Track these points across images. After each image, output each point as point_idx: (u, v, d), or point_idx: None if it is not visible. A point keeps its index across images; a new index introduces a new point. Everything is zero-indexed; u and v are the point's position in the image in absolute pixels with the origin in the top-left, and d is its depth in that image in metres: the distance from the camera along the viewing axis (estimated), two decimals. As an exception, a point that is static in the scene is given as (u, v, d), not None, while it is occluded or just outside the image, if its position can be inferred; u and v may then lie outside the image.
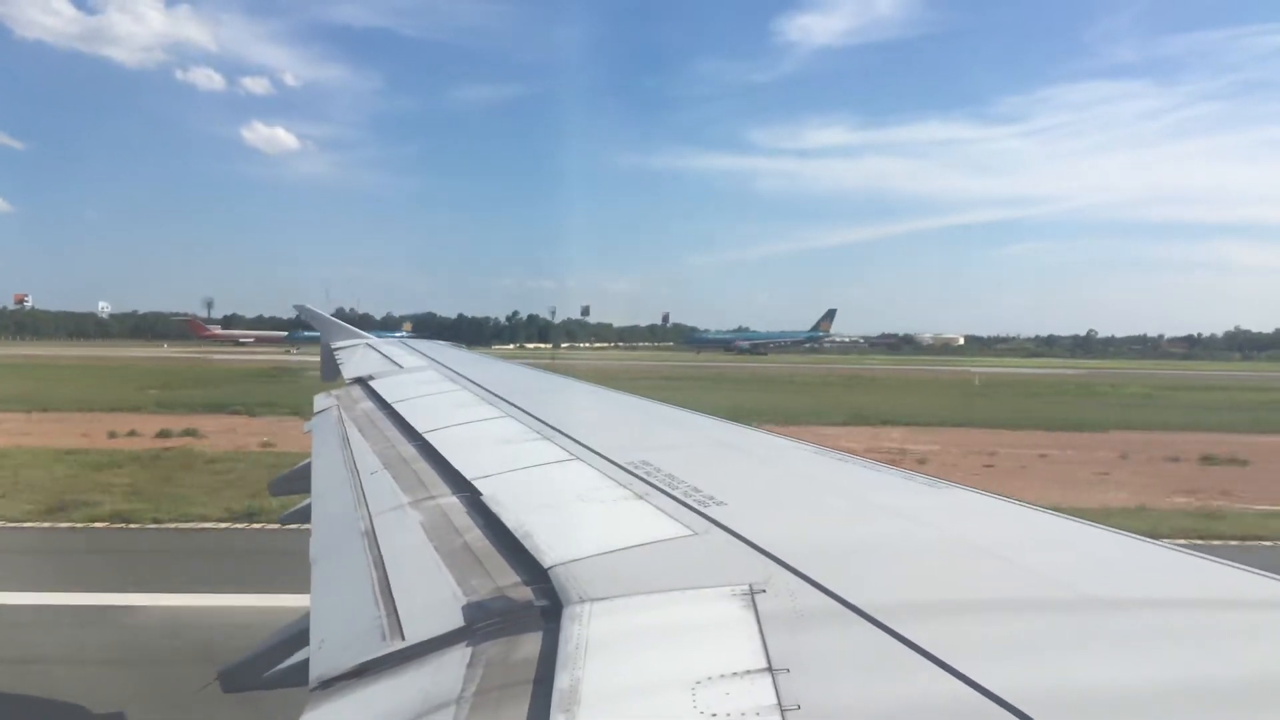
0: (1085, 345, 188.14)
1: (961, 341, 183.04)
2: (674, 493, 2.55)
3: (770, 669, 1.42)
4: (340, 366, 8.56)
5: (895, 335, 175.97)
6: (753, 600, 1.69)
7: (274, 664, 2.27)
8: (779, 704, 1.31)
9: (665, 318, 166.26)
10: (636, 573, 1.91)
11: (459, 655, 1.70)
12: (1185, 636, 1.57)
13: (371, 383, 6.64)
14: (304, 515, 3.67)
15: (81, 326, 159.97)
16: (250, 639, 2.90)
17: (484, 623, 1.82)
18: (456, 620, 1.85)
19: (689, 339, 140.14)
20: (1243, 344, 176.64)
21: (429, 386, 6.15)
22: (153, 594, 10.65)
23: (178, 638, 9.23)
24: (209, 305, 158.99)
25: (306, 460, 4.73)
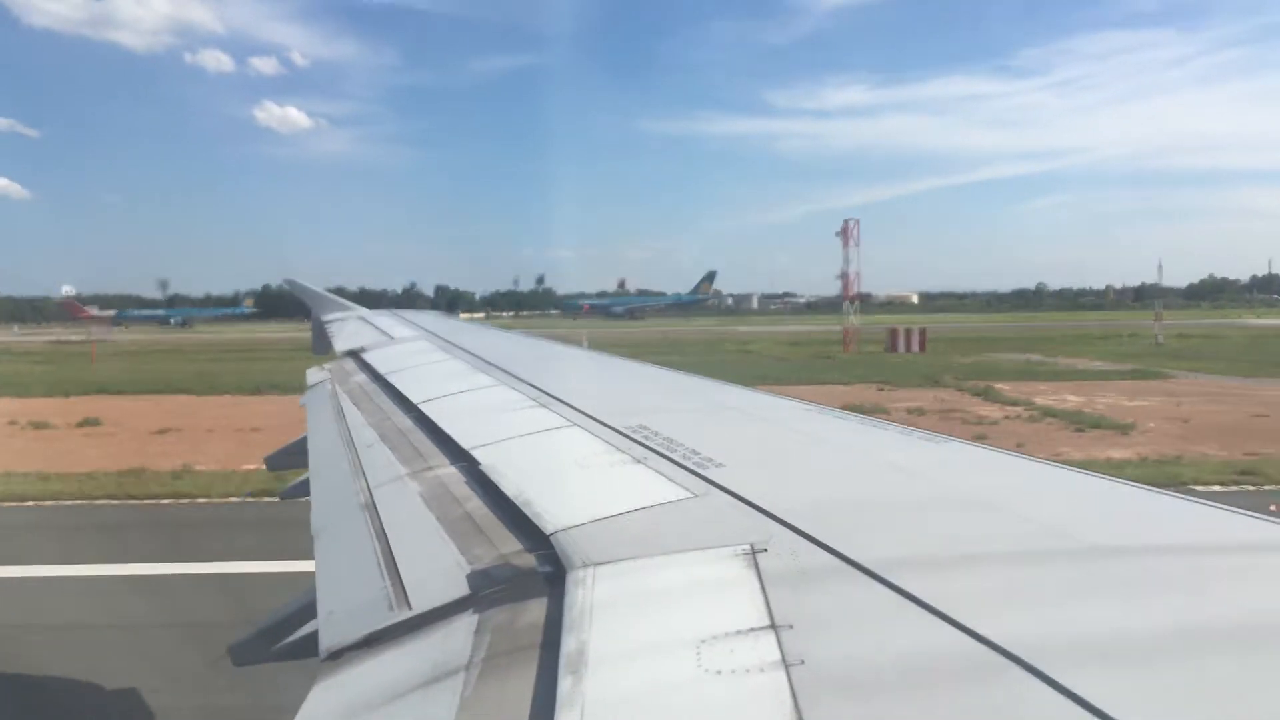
0: (1036, 298, 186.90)
1: (915, 299, 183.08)
2: (672, 456, 2.56)
3: (773, 626, 1.43)
4: (332, 340, 8.52)
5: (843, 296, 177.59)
6: (754, 559, 1.71)
7: (283, 637, 2.29)
8: (783, 659, 1.33)
9: (621, 283, 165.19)
10: (638, 536, 1.93)
11: (466, 622, 1.72)
12: (1187, 581, 1.59)
13: (364, 355, 6.62)
14: (304, 490, 3.68)
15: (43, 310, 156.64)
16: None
17: (489, 590, 1.83)
18: (462, 588, 1.86)
19: (565, 305, 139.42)
20: (1193, 294, 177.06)
21: (422, 357, 6.13)
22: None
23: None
24: (164, 285, 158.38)
25: (302, 435, 4.73)
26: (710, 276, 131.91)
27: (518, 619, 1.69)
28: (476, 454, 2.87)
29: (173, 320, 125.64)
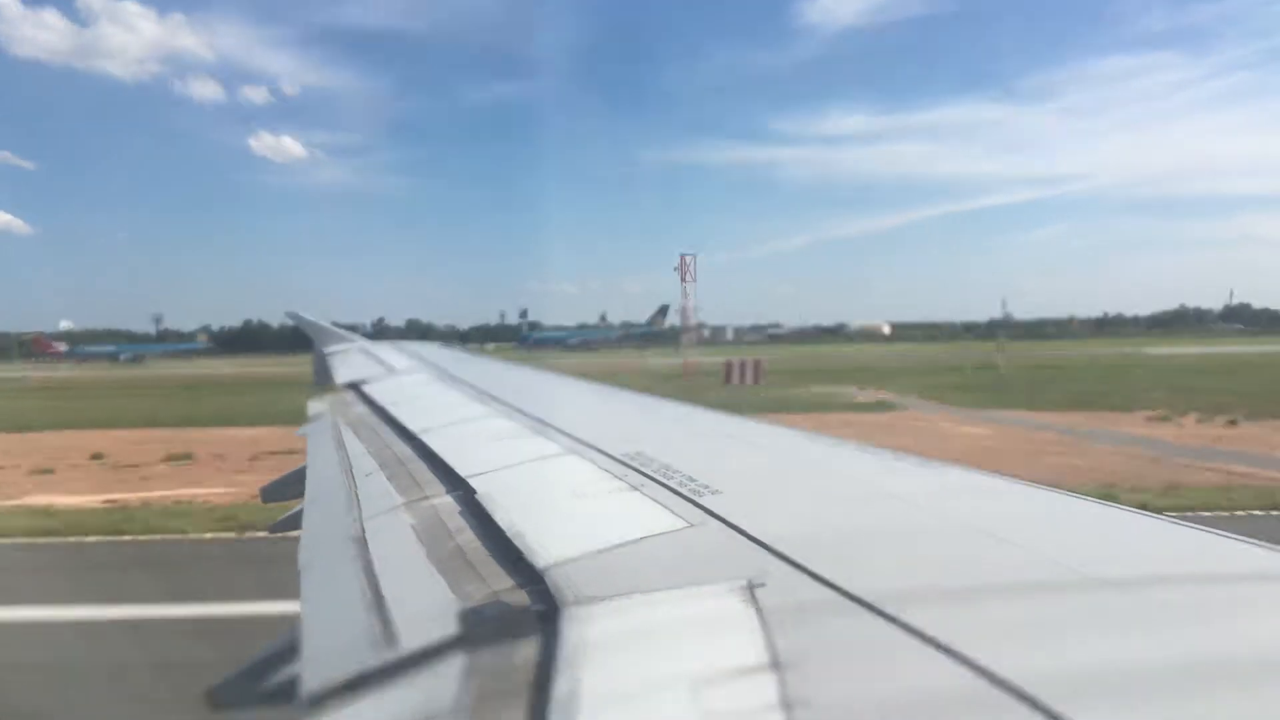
0: (1003, 326, 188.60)
1: (887, 330, 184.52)
2: (669, 483, 2.52)
3: (774, 665, 1.38)
4: (333, 371, 8.53)
5: (819, 327, 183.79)
6: (752, 595, 1.66)
7: (264, 679, 2.23)
8: (784, 700, 1.28)
9: (602, 317, 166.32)
10: (634, 570, 1.88)
11: (455, 664, 1.66)
12: (1194, 613, 1.54)
13: (364, 387, 6.62)
14: (294, 522, 3.63)
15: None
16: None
17: (479, 629, 1.78)
18: (451, 628, 1.81)
19: (521, 338, 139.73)
20: (1156, 323, 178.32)
21: (422, 388, 6.13)
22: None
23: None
24: (158, 320, 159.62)
25: (300, 466, 4.69)
26: (663, 310, 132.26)
27: (509, 659, 1.64)
28: (473, 483, 2.84)
29: (121, 356, 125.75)
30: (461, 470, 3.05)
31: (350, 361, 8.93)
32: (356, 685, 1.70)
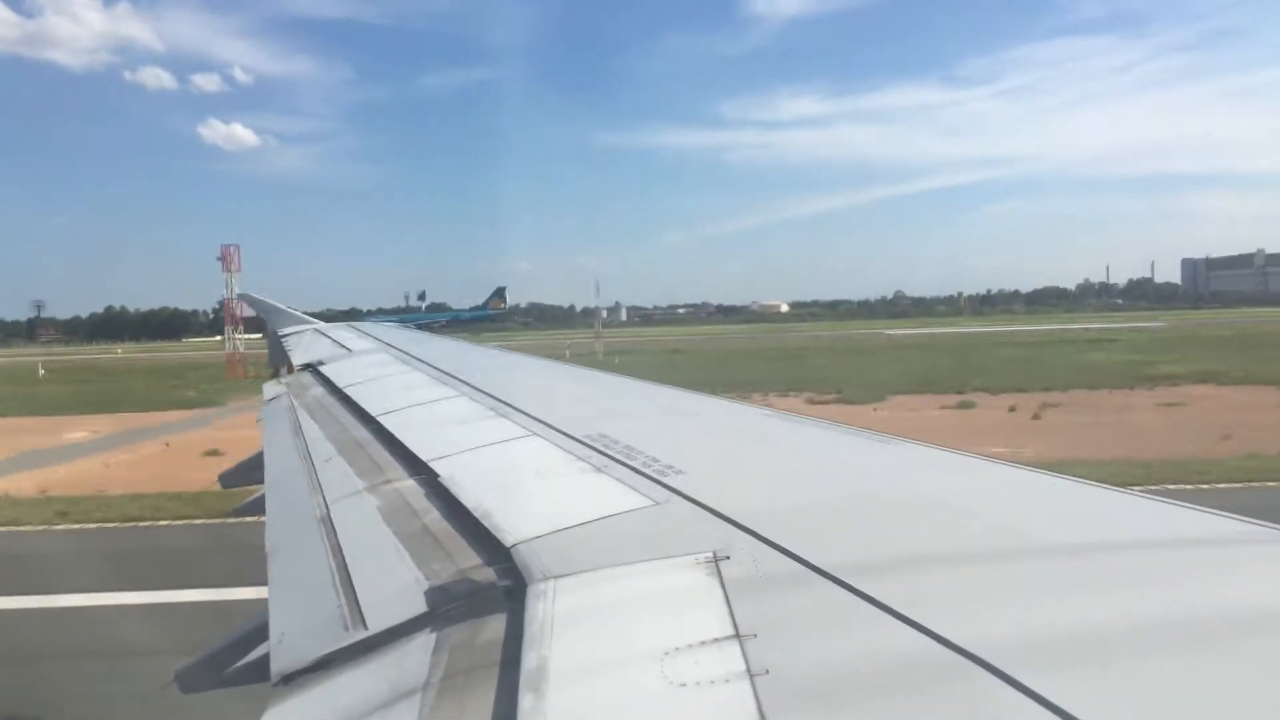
0: (892, 306, 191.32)
1: (784, 309, 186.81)
2: (632, 464, 2.54)
3: (738, 635, 1.42)
4: (289, 353, 8.39)
5: (723, 306, 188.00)
6: (717, 568, 1.69)
7: (233, 661, 2.22)
8: (748, 669, 1.32)
9: (420, 296, 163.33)
10: (599, 547, 1.90)
11: (423, 641, 1.67)
12: (1146, 578, 1.60)
13: (321, 368, 6.52)
14: (257, 507, 3.60)
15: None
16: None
17: (447, 607, 1.79)
18: (419, 606, 1.82)
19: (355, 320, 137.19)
20: (1033, 299, 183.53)
21: (380, 369, 6.05)
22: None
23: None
24: (39, 307, 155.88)
25: (258, 451, 4.62)
26: (500, 292, 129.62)
27: (477, 636, 1.66)
28: (435, 466, 2.83)
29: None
30: (424, 454, 3.03)
31: (306, 343, 8.79)
32: (327, 663, 1.71)
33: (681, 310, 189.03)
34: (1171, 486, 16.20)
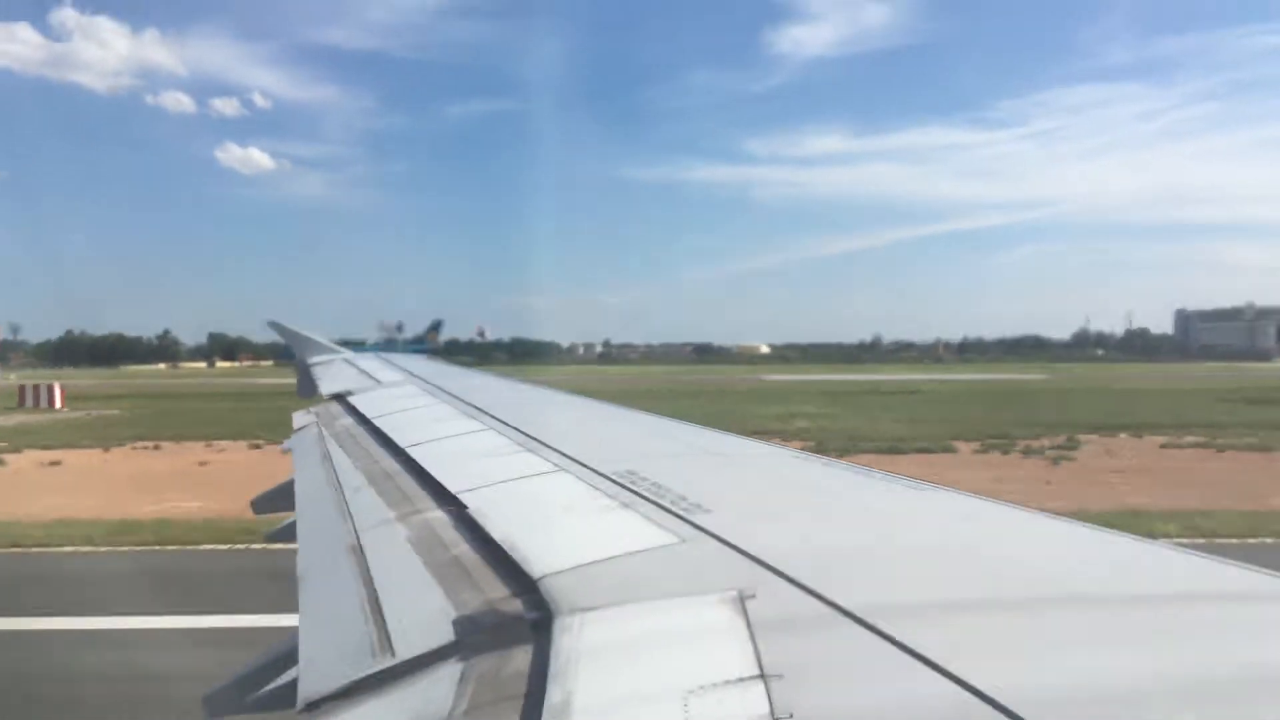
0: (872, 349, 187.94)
1: (764, 350, 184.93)
2: (661, 501, 2.55)
3: (763, 675, 1.42)
4: (317, 383, 8.49)
5: (682, 345, 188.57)
6: (743, 606, 1.69)
7: (260, 686, 2.24)
8: (771, 711, 1.31)
9: (480, 332, 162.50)
10: (626, 582, 1.91)
11: (450, 671, 1.69)
12: (1175, 631, 1.59)
13: (350, 398, 6.60)
14: (289, 533, 3.64)
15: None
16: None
17: (474, 637, 1.81)
18: (447, 635, 1.83)
19: (285, 352, 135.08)
20: (1010, 348, 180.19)
21: (409, 401, 6.12)
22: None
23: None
24: (15, 330, 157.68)
25: (289, 478, 4.68)
26: (436, 325, 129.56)
27: (503, 667, 1.67)
28: (464, 498, 2.85)
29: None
30: (452, 486, 3.06)
31: (335, 373, 8.90)
32: (354, 690, 1.73)
33: (657, 348, 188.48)
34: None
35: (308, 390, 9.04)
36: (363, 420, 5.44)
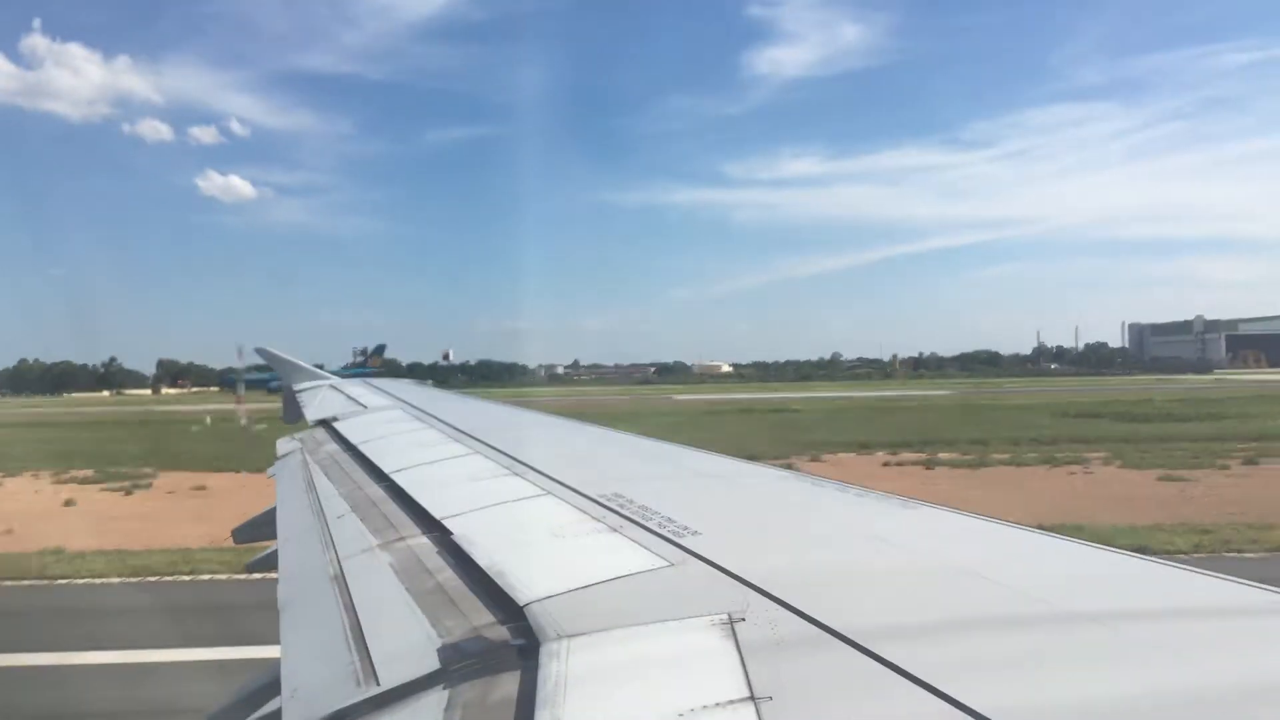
0: (827, 368, 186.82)
1: (726, 369, 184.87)
2: (648, 524, 2.53)
3: (753, 698, 1.40)
4: (303, 409, 8.44)
5: (649, 365, 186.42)
6: (732, 629, 1.68)
7: (245, 716, 2.20)
8: None
9: (446, 355, 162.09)
10: (614, 607, 1.89)
11: (436, 699, 1.66)
12: (1166, 647, 1.58)
13: (335, 424, 6.56)
14: (270, 563, 3.59)
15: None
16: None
17: (460, 664, 1.78)
18: (432, 663, 1.81)
19: (221, 379, 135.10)
20: (965, 364, 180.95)
21: (394, 426, 6.08)
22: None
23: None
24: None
25: (271, 506, 4.63)
26: (379, 349, 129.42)
27: (490, 694, 1.64)
28: (449, 524, 2.83)
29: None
30: (437, 512, 3.04)
31: (321, 399, 8.85)
32: (339, 719, 1.70)
33: (624, 367, 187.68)
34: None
35: (293, 416, 8.99)
36: (348, 446, 5.40)
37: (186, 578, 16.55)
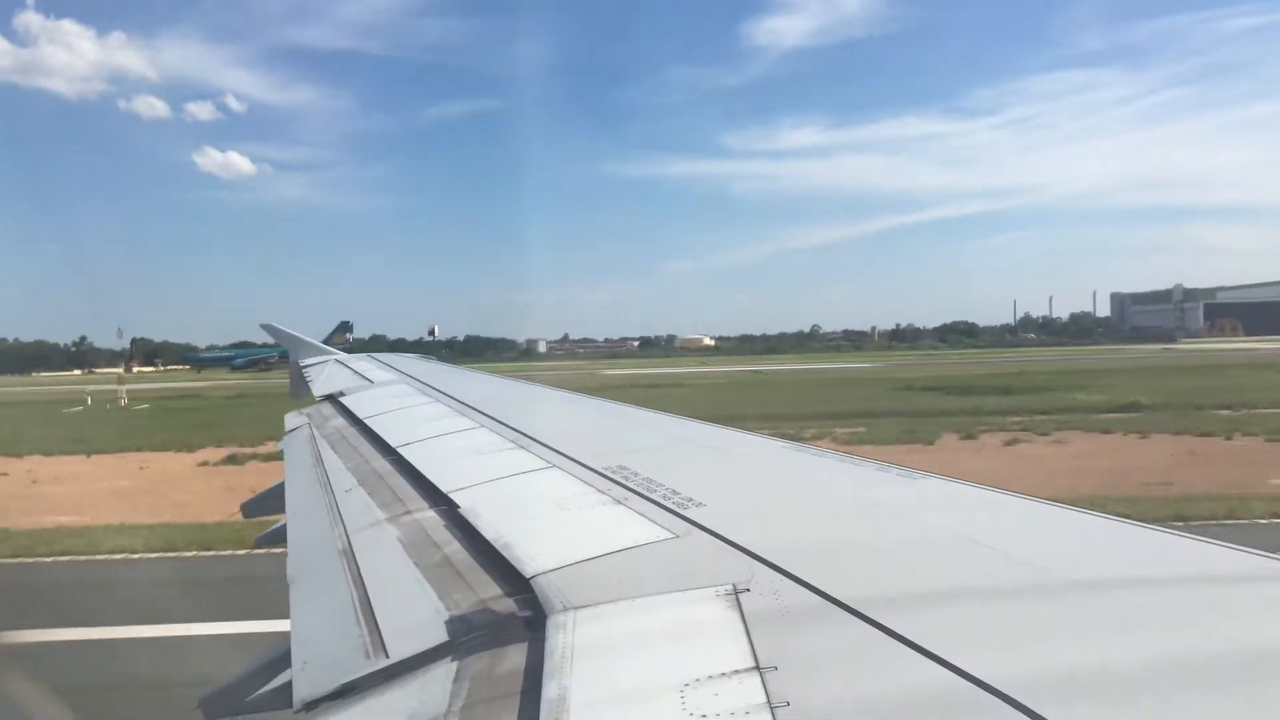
0: (812, 338, 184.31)
1: (708, 342, 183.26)
2: (652, 496, 2.55)
3: (758, 667, 1.42)
4: (310, 384, 8.47)
5: (630, 339, 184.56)
6: (737, 600, 1.69)
7: (256, 689, 2.24)
8: (768, 702, 1.32)
9: (431, 331, 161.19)
10: (619, 578, 1.91)
11: (444, 670, 1.68)
12: (1169, 614, 1.59)
13: (342, 399, 6.58)
14: (279, 536, 3.62)
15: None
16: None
17: (468, 636, 1.80)
18: (440, 635, 1.83)
19: (184, 357, 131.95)
20: (942, 335, 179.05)
21: (400, 400, 6.10)
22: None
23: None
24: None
25: (280, 481, 4.67)
26: (344, 326, 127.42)
27: (497, 665, 1.66)
28: (455, 497, 2.84)
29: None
30: (444, 485, 3.05)
31: (328, 374, 8.88)
32: (348, 691, 1.72)
33: (611, 342, 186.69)
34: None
35: (300, 391, 9.02)
36: (355, 420, 5.42)
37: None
